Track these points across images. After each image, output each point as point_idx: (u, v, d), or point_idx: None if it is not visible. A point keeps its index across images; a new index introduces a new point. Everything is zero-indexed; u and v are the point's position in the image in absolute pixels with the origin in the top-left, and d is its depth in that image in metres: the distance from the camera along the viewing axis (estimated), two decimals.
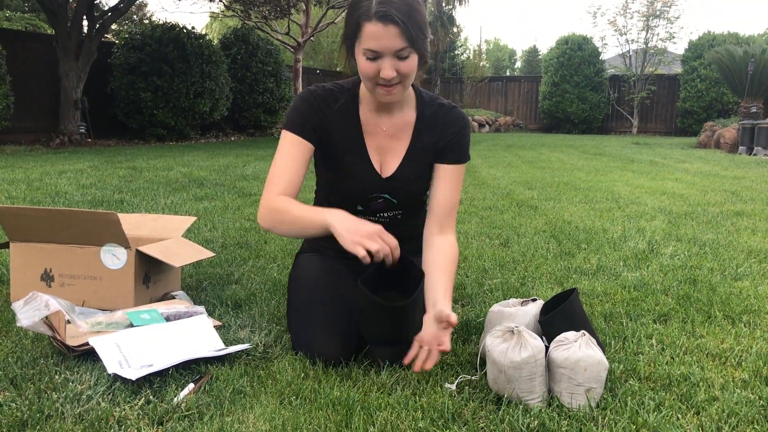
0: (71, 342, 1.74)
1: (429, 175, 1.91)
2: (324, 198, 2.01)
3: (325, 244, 2.04)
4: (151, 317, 1.54)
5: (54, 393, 1.52)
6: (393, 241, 1.57)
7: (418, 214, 2.00)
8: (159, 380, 1.60)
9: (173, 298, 2.26)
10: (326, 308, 1.80)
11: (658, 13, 20.71)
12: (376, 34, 1.61)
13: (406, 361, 1.67)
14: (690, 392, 1.59)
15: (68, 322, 1.78)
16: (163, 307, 1.91)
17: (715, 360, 1.82)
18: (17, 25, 18.16)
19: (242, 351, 1.79)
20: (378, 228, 1.57)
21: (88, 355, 1.75)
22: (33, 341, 1.84)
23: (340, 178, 1.89)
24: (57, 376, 1.61)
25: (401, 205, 1.91)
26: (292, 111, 1.82)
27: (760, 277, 2.75)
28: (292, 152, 1.78)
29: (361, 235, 1.54)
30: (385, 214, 1.92)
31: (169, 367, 1.65)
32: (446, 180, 1.88)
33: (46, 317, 1.72)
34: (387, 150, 1.88)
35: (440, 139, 1.87)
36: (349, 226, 1.57)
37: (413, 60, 1.66)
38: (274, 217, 1.72)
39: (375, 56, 1.64)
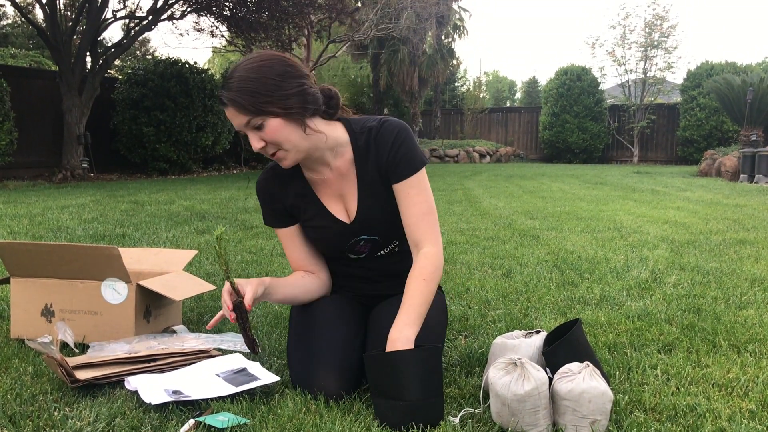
0: (81, 375, 1.73)
1: (393, 199, 1.84)
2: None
3: (341, 282, 2.04)
4: (229, 419, 1.53)
5: (53, 430, 1.50)
6: (229, 303, 1.71)
7: None
8: (159, 416, 1.58)
9: (174, 332, 2.25)
10: (325, 343, 1.78)
11: (656, 43, 20.92)
12: (228, 117, 1.72)
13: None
14: (696, 423, 1.57)
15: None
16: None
17: (722, 390, 1.80)
18: (22, 62, 18.38)
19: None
20: (224, 289, 1.72)
21: (88, 390, 1.73)
22: (32, 377, 1.83)
23: (318, 239, 1.94)
24: (56, 413, 1.59)
25: (385, 238, 1.90)
26: (261, 206, 1.97)
27: (765, 305, 2.74)
28: (284, 240, 1.97)
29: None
30: (382, 252, 1.93)
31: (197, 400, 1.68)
32: (405, 196, 1.80)
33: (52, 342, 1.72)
34: (343, 194, 1.87)
35: (379, 162, 1.81)
36: None
37: (272, 124, 1.66)
38: None
39: (243, 134, 1.72)
